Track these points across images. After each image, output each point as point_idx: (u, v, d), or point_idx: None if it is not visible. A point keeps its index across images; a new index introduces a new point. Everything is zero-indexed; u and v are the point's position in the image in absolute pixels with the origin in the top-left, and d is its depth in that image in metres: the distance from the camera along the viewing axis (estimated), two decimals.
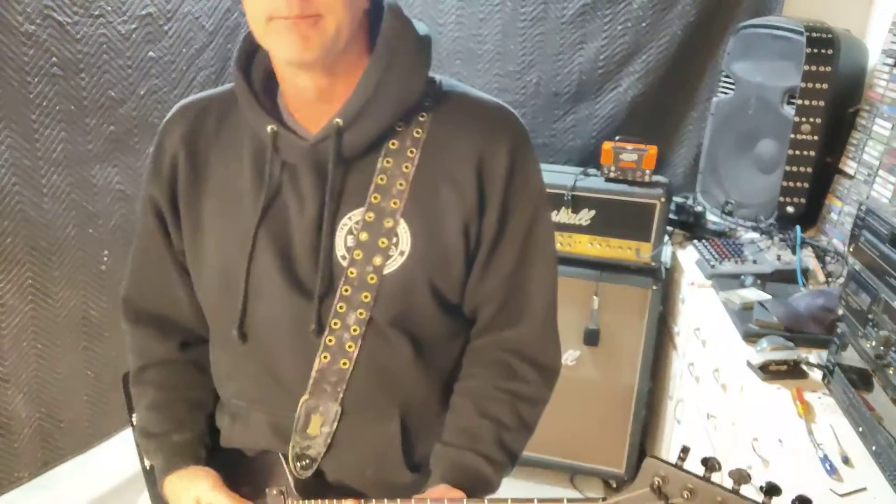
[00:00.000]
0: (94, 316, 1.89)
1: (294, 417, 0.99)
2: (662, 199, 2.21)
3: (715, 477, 0.75)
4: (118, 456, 2.00)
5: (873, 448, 1.24)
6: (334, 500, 0.94)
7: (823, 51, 2.01)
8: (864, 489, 1.17)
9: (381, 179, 0.95)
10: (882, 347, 1.25)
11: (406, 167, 0.95)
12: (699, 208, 2.41)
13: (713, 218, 2.40)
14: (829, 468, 1.22)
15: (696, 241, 2.25)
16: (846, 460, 1.24)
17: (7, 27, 1.56)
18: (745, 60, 2.25)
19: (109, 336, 1.94)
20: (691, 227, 2.38)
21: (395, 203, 0.95)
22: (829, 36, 2.02)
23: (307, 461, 1.00)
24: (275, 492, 0.96)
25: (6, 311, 1.67)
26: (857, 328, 1.34)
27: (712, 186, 2.40)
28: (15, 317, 1.70)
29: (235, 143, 1.00)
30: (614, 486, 2.50)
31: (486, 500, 0.86)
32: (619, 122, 2.55)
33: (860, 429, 1.29)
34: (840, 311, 1.43)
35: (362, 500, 0.92)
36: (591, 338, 2.32)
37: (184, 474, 1.02)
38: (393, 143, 0.96)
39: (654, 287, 2.27)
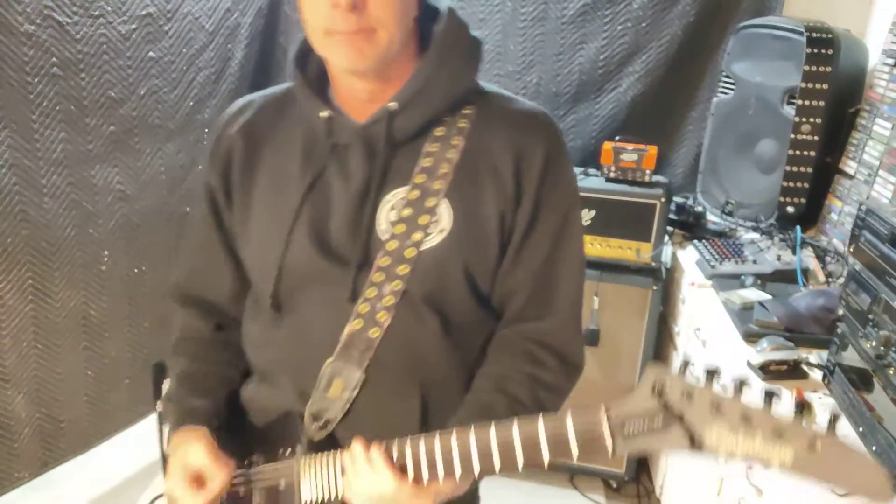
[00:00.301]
0: (94, 316, 1.89)
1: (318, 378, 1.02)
2: (662, 199, 2.21)
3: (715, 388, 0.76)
4: (118, 456, 2.01)
5: (873, 448, 1.24)
6: (344, 450, 0.94)
7: (823, 51, 2.01)
8: None
9: (427, 162, 1.01)
10: (882, 347, 1.25)
11: (450, 153, 1.01)
12: (699, 208, 2.41)
13: (713, 218, 2.40)
14: None
15: (696, 241, 2.25)
16: None
17: (7, 27, 1.55)
18: (745, 60, 2.25)
19: (109, 336, 1.94)
20: (691, 227, 2.39)
21: (438, 184, 1.00)
22: (829, 36, 2.02)
23: (323, 422, 1.02)
24: (288, 450, 0.97)
25: (6, 311, 1.67)
26: (858, 328, 1.34)
27: (712, 186, 2.40)
28: (15, 317, 1.69)
29: (290, 138, 1.06)
30: (614, 486, 2.50)
31: (492, 424, 0.87)
32: (620, 122, 2.55)
33: (860, 429, 1.29)
34: (840, 312, 1.43)
35: (373, 442, 0.91)
36: (592, 338, 2.32)
37: (185, 434, 1.04)
38: (439, 131, 1.02)
39: (655, 287, 2.27)
